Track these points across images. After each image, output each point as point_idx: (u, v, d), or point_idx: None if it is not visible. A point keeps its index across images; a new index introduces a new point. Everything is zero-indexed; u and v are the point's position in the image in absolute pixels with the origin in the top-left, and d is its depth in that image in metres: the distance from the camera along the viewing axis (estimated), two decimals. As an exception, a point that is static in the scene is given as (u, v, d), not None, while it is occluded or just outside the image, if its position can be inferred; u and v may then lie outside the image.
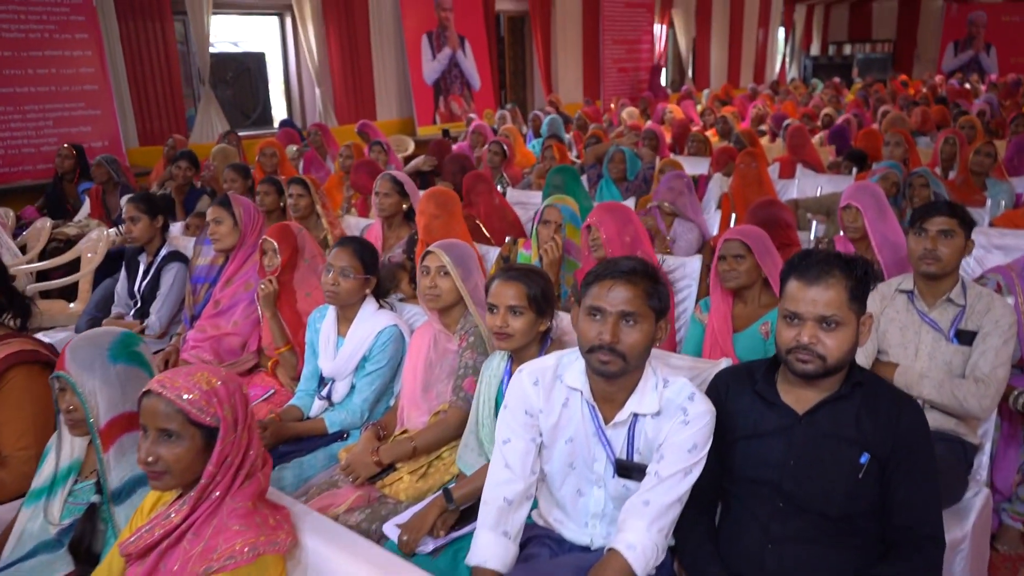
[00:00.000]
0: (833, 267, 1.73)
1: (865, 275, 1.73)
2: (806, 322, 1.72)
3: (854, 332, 1.74)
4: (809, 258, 1.76)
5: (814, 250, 1.80)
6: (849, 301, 1.72)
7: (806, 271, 1.73)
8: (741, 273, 2.77)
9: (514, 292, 2.16)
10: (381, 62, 10.52)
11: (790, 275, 1.78)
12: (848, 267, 1.72)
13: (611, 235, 3.04)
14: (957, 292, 2.54)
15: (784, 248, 3.67)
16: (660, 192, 4.25)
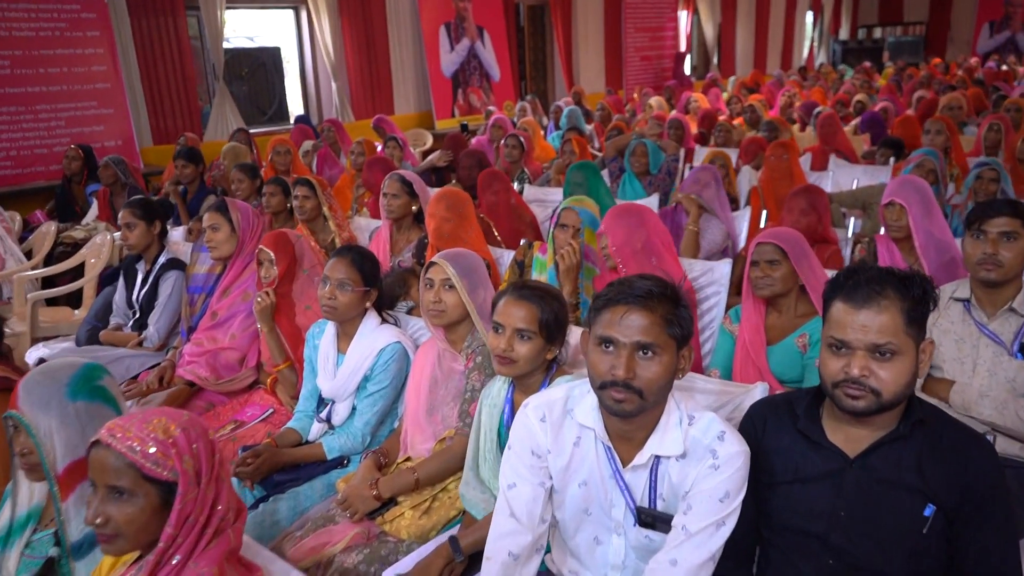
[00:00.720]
0: (886, 286, 1.48)
1: (924, 295, 1.48)
2: (856, 352, 1.48)
3: (913, 362, 1.49)
4: (857, 276, 1.51)
5: (862, 266, 1.54)
6: (906, 326, 1.47)
7: (854, 292, 1.49)
8: (776, 280, 2.52)
9: (524, 313, 1.94)
10: (398, 55, 10.31)
11: (835, 296, 1.53)
12: (904, 286, 1.47)
13: (618, 243, 2.80)
14: (1021, 301, 2.28)
15: (818, 245, 3.43)
16: (686, 184, 4.00)
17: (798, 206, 3.38)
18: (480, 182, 4.33)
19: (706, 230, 3.79)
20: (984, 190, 3.79)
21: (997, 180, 3.79)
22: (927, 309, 1.49)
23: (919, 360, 1.50)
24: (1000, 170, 3.81)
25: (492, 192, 4.24)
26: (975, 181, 3.83)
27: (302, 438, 2.60)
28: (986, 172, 3.80)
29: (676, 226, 3.83)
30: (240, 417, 2.87)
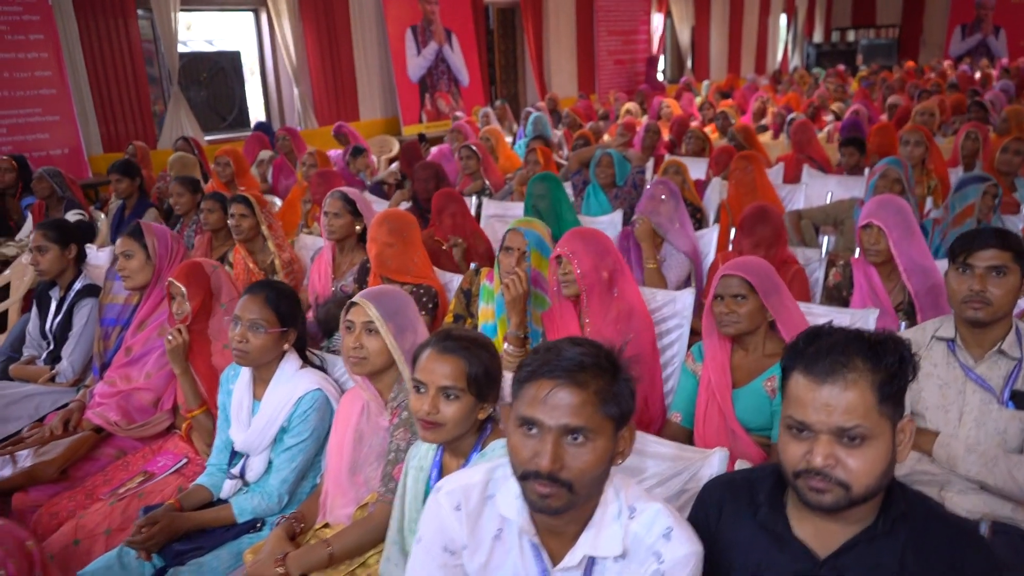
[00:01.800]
0: (853, 355, 1.22)
1: (900, 363, 1.23)
2: (818, 436, 1.22)
3: (888, 446, 1.23)
4: (818, 342, 1.25)
5: (825, 329, 1.29)
6: (879, 403, 1.22)
7: (814, 363, 1.23)
8: (742, 317, 2.27)
9: (449, 369, 1.67)
10: (363, 59, 10.00)
11: (793, 367, 1.27)
12: (875, 353, 1.22)
13: (586, 269, 2.54)
14: (1011, 342, 2.04)
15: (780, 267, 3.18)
16: (642, 203, 3.67)
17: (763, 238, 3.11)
18: (435, 204, 4.04)
19: (667, 266, 3.51)
20: (989, 207, 3.51)
21: (997, 196, 3.53)
22: (905, 380, 1.24)
23: (897, 442, 1.25)
24: (998, 187, 3.54)
25: (449, 215, 3.96)
26: (981, 198, 3.48)
27: (212, 496, 2.31)
28: (991, 188, 3.46)
29: (639, 248, 3.56)
30: (151, 468, 2.57)
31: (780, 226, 3.15)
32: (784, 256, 3.20)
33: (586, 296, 2.55)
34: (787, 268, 3.16)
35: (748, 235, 3.14)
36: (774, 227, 3.11)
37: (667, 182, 3.67)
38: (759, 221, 3.12)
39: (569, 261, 2.56)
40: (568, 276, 2.56)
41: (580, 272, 2.54)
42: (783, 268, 3.15)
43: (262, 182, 6.68)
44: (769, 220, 3.12)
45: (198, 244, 4.34)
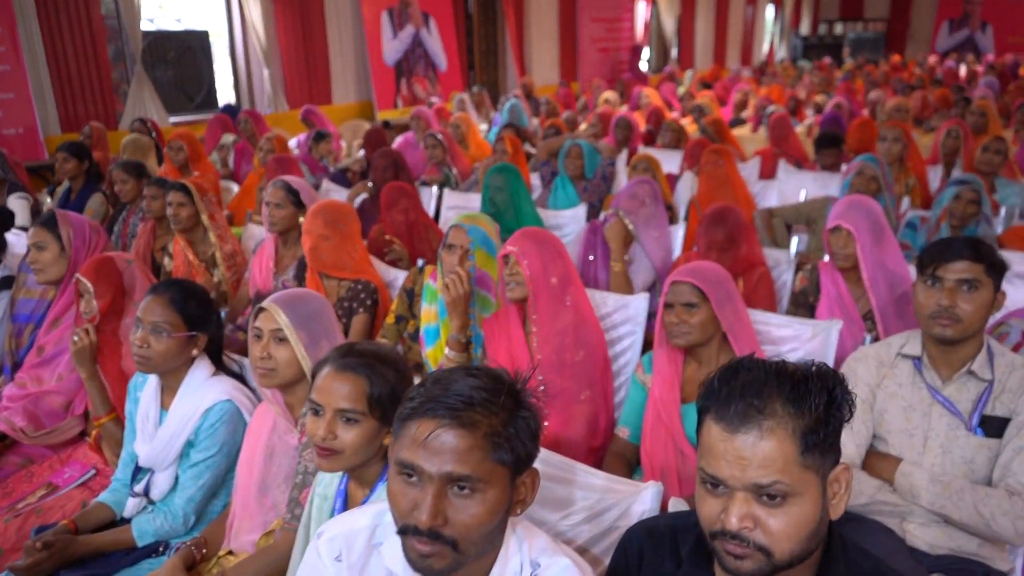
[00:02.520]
0: (770, 399, 1.04)
1: (830, 405, 1.05)
2: (734, 493, 1.04)
3: (816, 503, 1.05)
4: (733, 381, 1.07)
5: (742, 364, 1.10)
6: (802, 455, 1.03)
7: (727, 406, 1.05)
8: (693, 327, 2.09)
9: (349, 389, 1.48)
10: (337, 41, 9.73)
11: (706, 410, 1.10)
12: (798, 394, 1.03)
13: (536, 271, 2.34)
14: (982, 362, 1.87)
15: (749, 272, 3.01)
16: (621, 198, 3.47)
17: (716, 241, 2.92)
18: (384, 198, 3.83)
19: (633, 269, 3.30)
20: (961, 212, 3.34)
21: (978, 202, 3.35)
22: (836, 425, 1.06)
23: (829, 495, 1.07)
24: (980, 191, 3.36)
25: (400, 210, 3.74)
26: (952, 202, 3.36)
27: (115, 515, 2.12)
28: (965, 192, 3.32)
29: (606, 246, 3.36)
30: (55, 479, 2.37)
31: (744, 227, 2.97)
32: (751, 258, 3.02)
33: (534, 300, 2.36)
34: (752, 271, 2.98)
35: (709, 236, 2.95)
36: (736, 228, 2.93)
37: (651, 183, 3.48)
38: (719, 222, 2.93)
39: (518, 261, 2.36)
40: (516, 277, 2.37)
41: (529, 274, 2.34)
42: (749, 271, 2.98)
43: (223, 167, 6.44)
44: (729, 221, 2.94)
45: (140, 233, 4.12)
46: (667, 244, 3.37)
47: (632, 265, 3.31)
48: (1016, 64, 13.71)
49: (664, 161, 5.69)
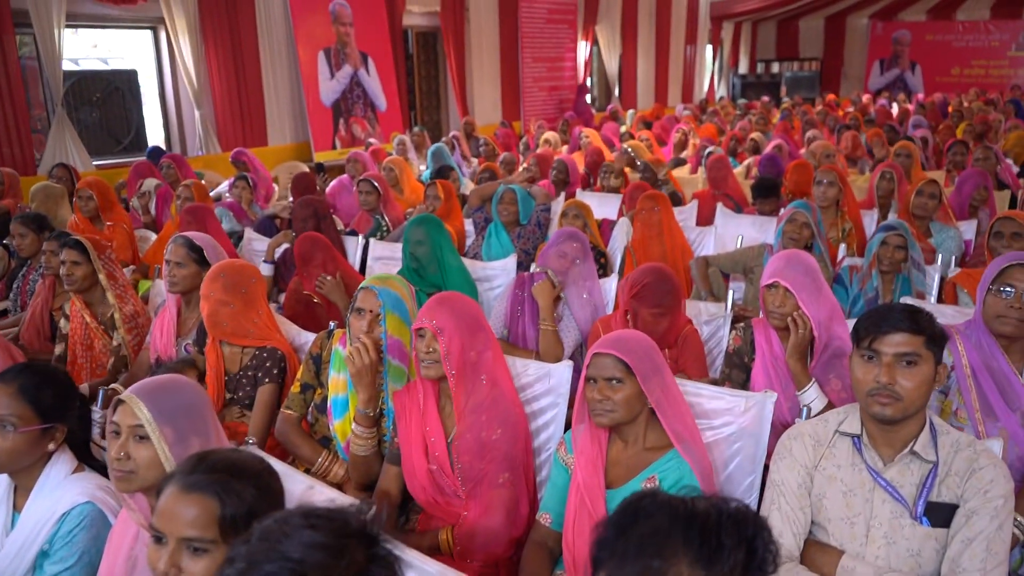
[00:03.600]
0: (675, 556, 0.87)
1: (751, 561, 0.87)
2: None
3: None
4: (629, 532, 0.90)
5: (643, 506, 0.92)
6: None
7: (619, 567, 0.89)
8: (617, 405, 1.91)
9: (195, 514, 1.25)
10: (271, 81, 9.48)
11: (598, 565, 0.92)
12: (708, 549, 0.87)
13: (455, 349, 2.12)
14: (924, 442, 1.71)
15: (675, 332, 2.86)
16: (549, 256, 3.25)
17: (646, 309, 2.76)
18: (298, 252, 3.61)
19: (560, 327, 3.13)
20: (889, 258, 3.28)
21: (904, 247, 3.29)
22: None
23: None
24: (908, 236, 3.30)
25: (317, 264, 3.52)
26: (879, 247, 3.30)
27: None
28: (892, 238, 3.27)
29: (534, 303, 3.16)
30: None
31: (678, 290, 2.81)
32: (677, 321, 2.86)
33: (451, 381, 2.15)
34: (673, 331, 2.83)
35: (647, 303, 2.78)
36: (671, 293, 2.77)
37: (581, 238, 3.27)
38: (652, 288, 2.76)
39: (435, 337, 2.14)
40: (432, 355, 2.15)
41: (447, 352, 2.13)
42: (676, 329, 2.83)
43: (144, 214, 6.13)
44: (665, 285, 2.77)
45: (39, 290, 3.82)
46: (597, 301, 3.19)
47: (560, 323, 3.13)
48: (945, 103, 14.11)
49: (602, 204, 5.59)
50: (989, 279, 2.23)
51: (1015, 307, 2.16)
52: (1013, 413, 2.17)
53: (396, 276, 2.50)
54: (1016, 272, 2.19)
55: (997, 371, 2.20)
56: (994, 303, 2.20)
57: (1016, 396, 2.18)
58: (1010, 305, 2.17)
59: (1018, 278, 2.18)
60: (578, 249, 3.20)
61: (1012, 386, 2.18)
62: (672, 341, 2.82)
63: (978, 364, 2.21)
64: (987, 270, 2.27)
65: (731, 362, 2.64)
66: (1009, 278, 2.20)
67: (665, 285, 2.77)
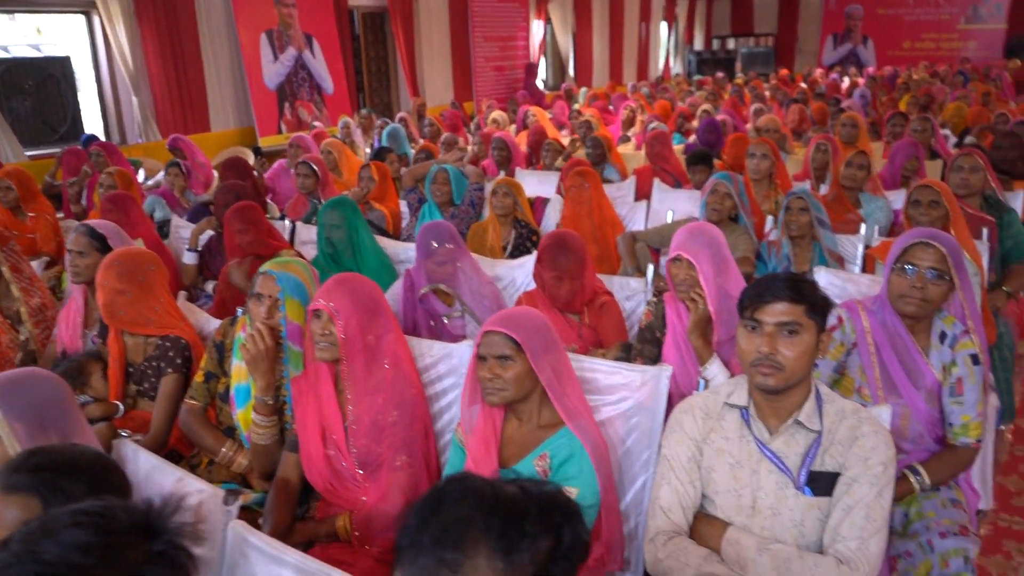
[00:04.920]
0: (473, 548, 0.84)
1: (556, 552, 0.84)
2: None
3: None
4: (431, 521, 0.86)
5: (448, 492, 0.89)
6: None
7: (413, 561, 0.85)
8: (508, 383, 1.87)
9: (15, 517, 1.18)
10: (212, 65, 9.26)
11: (399, 555, 0.87)
12: (509, 543, 0.83)
13: (351, 331, 2.06)
14: (809, 411, 1.70)
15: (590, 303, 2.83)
16: (429, 271, 3.02)
17: (548, 273, 2.74)
18: (226, 229, 3.53)
19: (465, 325, 3.03)
20: (795, 223, 3.33)
21: (807, 210, 3.33)
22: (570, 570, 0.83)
23: None
24: (808, 199, 3.35)
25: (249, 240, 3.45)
26: (784, 214, 3.36)
27: None
28: (793, 202, 3.35)
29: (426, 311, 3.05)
30: None
31: (582, 254, 2.78)
32: (594, 286, 2.84)
33: (347, 362, 2.09)
34: (594, 302, 2.81)
35: (547, 267, 2.76)
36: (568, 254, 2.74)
37: (447, 236, 3.02)
38: (559, 251, 2.74)
39: (331, 319, 2.08)
40: (328, 337, 2.09)
41: (344, 336, 2.07)
42: (590, 303, 2.81)
43: (74, 204, 5.96)
44: (570, 249, 2.74)
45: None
46: (490, 292, 3.04)
47: (462, 324, 3.04)
48: (895, 76, 14.25)
49: (541, 183, 5.55)
50: (893, 257, 2.21)
51: (917, 287, 2.12)
52: (918, 391, 2.17)
53: (297, 260, 2.43)
54: (918, 250, 2.16)
55: (902, 349, 2.18)
56: (897, 282, 2.17)
57: (920, 375, 2.17)
58: (912, 284, 2.13)
59: (921, 257, 2.15)
60: (451, 251, 3.03)
61: (916, 365, 2.17)
62: (579, 307, 2.79)
63: (883, 341, 2.20)
64: (892, 247, 2.25)
65: (643, 337, 2.62)
66: (912, 257, 2.17)
67: (566, 249, 2.74)
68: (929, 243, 2.16)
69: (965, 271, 2.24)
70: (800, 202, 3.33)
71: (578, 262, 2.75)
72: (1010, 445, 3.51)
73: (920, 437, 2.23)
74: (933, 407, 2.19)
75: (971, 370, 2.15)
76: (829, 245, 3.37)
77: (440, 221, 3.02)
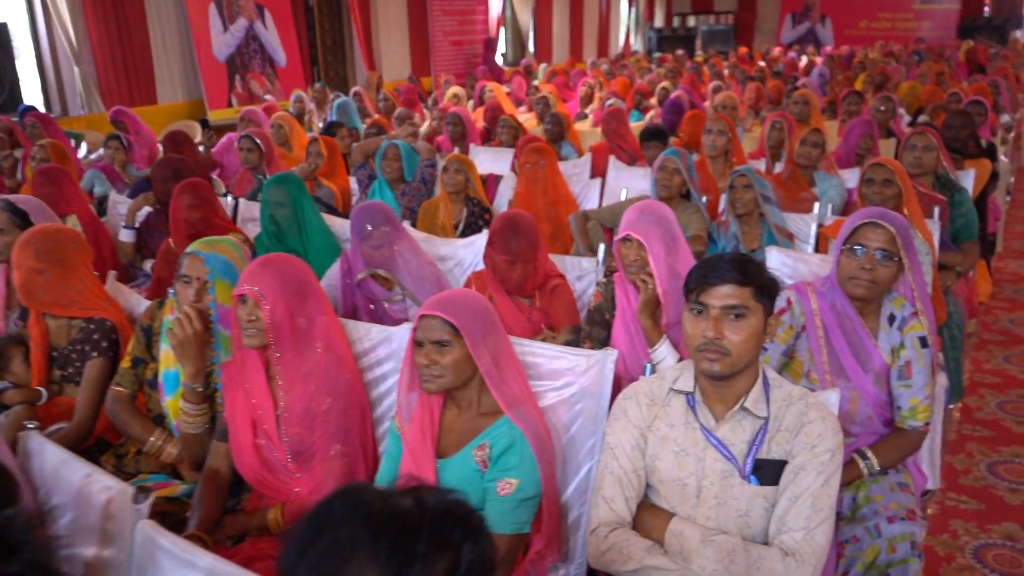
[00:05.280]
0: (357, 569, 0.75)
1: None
2: None
3: None
4: (313, 544, 0.77)
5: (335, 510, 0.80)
6: None
7: None
8: (446, 369, 1.78)
9: None
10: (159, 35, 8.94)
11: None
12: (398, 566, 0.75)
13: (279, 315, 1.94)
14: (756, 397, 1.64)
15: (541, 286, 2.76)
16: (366, 255, 2.85)
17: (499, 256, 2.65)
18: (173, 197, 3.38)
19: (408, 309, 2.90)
20: (740, 200, 3.30)
21: (751, 186, 3.31)
22: None
23: None
24: (752, 176, 3.31)
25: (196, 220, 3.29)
26: (729, 193, 3.33)
27: None
28: (736, 180, 3.33)
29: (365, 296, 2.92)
30: None
31: (535, 237, 2.69)
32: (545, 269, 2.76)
33: (276, 350, 1.99)
34: (545, 285, 2.73)
35: (499, 251, 2.67)
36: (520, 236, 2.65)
37: (383, 218, 2.85)
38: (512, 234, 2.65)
39: (257, 304, 1.97)
40: (255, 323, 1.97)
41: (271, 321, 1.96)
42: (541, 285, 2.73)
43: (9, 178, 5.70)
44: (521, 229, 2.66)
45: None
46: (431, 273, 2.90)
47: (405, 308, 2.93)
48: (852, 55, 14.33)
49: (497, 160, 5.44)
50: (842, 238, 2.16)
51: (866, 268, 2.07)
52: (866, 374, 2.13)
53: (227, 239, 2.30)
54: (867, 231, 2.11)
55: (851, 332, 2.14)
56: (846, 264, 2.11)
57: (869, 357, 2.13)
58: (861, 266, 2.08)
59: (870, 238, 2.10)
60: (388, 233, 2.86)
61: (866, 347, 2.13)
62: (531, 291, 2.72)
63: (831, 324, 2.15)
64: (842, 228, 2.20)
65: (592, 319, 2.55)
66: (861, 237, 2.11)
67: (519, 232, 2.66)
68: (878, 223, 2.11)
69: (915, 252, 2.21)
70: (743, 179, 3.29)
71: (530, 245, 2.67)
72: (958, 424, 3.53)
73: (869, 420, 2.20)
74: (881, 390, 2.16)
75: (919, 352, 2.12)
76: (776, 221, 3.34)
77: (374, 202, 2.90)
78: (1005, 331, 4.56)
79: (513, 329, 2.77)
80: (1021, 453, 3.29)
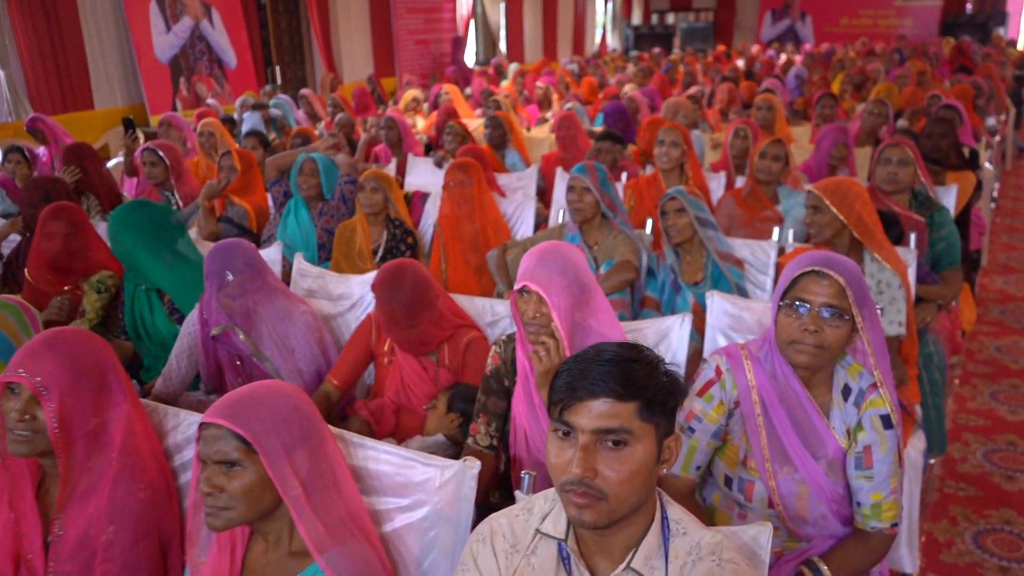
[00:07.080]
0: None
1: None
2: None
3: None
4: None
5: None
6: None
7: None
8: (234, 499, 1.31)
9: None
10: (94, 36, 8.37)
11: None
12: None
13: (69, 417, 1.47)
14: (649, 550, 1.17)
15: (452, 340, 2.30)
16: (223, 304, 2.34)
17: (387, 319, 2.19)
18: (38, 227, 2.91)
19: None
20: (673, 227, 2.83)
21: (684, 210, 2.82)
22: None
23: None
24: (685, 198, 2.83)
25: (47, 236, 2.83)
26: (662, 219, 2.87)
27: None
28: (667, 205, 2.85)
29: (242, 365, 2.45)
30: None
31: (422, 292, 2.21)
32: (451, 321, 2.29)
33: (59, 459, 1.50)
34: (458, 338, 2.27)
35: (380, 307, 2.19)
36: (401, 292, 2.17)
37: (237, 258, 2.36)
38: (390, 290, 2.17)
39: (36, 399, 1.49)
40: (30, 423, 1.49)
41: (56, 424, 1.48)
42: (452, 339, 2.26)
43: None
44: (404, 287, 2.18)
45: None
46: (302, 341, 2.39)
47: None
48: (832, 53, 13.91)
49: (436, 173, 4.93)
50: (781, 290, 1.69)
51: (810, 330, 1.61)
52: (816, 462, 1.66)
53: (3, 301, 1.80)
54: (810, 283, 1.64)
55: (796, 409, 1.67)
56: (786, 324, 1.65)
57: (820, 441, 1.66)
58: (804, 327, 1.61)
59: (813, 291, 1.63)
60: (246, 281, 2.35)
61: (815, 428, 1.66)
62: (434, 346, 2.26)
63: (771, 398, 1.68)
64: (780, 278, 1.72)
65: (488, 387, 2.05)
66: (802, 291, 1.64)
67: (396, 289, 2.18)
68: (823, 272, 1.63)
69: (871, 306, 1.71)
70: (675, 203, 2.82)
71: (414, 302, 2.18)
72: (939, 480, 3.08)
73: (823, 519, 1.73)
74: (837, 480, 1.69)
75: (882, 436, 1.65)
76: (719, 248, 2.86)
77: (234, 241, 2.38)
78: (991, 361, 4.11)
79: (417, 392, 2.31)
80: (1011, 518, 2.84)
